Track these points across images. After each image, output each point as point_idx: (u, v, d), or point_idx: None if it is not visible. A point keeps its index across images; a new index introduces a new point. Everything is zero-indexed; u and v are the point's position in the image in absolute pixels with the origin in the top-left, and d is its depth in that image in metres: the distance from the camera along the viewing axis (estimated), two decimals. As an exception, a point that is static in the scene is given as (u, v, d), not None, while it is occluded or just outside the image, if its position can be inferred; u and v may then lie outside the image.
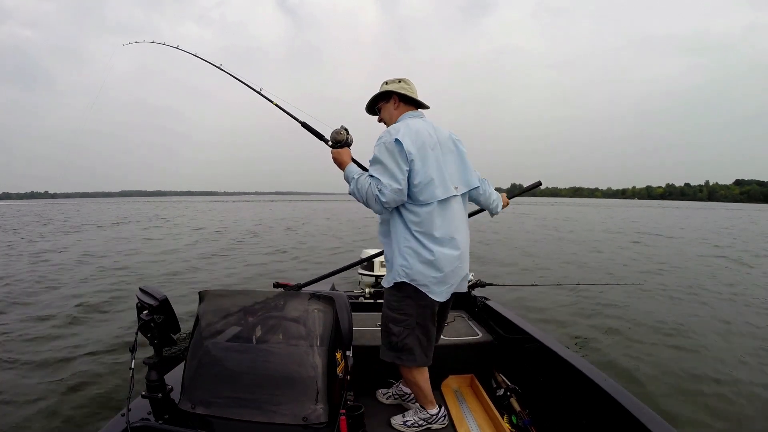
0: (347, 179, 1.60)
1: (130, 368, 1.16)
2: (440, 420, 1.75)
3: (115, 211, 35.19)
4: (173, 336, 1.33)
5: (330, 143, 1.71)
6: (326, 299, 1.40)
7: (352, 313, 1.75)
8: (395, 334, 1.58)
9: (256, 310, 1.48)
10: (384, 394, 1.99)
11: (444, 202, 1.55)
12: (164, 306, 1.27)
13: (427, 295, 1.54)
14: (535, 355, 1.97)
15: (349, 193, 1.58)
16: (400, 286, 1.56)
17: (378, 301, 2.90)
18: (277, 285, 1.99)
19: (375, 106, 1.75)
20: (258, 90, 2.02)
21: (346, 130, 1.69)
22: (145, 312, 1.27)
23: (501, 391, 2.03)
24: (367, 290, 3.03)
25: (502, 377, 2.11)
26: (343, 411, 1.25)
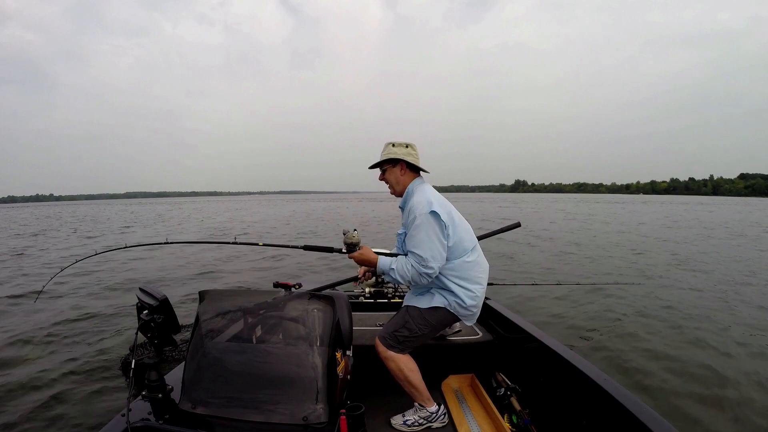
0: (384, 273, 1.70)
1: (131, 368, 1.17)
2: (440, 418, 1.76)
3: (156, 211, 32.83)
4: (173, 336, 1.33)
5: (345, 251, 1.76)
6: (326, 299, 1.40)
7: (352, 313, 1.75)
8: (408, 329, 1.72)
9: (256, 310, 1.48)
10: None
11: (472, 250, 1.76)
12: (164, 306, 1.27)
13: (455, 317, 1.75)
14: (536, 354, 1.97)
15: (393, 279, 1.69)
16: (436, 308, 1.73)
17: (378, 300, 2.89)
18: (277, 285, 1.99)
19: (382, 166, 1.83)
20: (295, 245, 2.13)
21: (355, 230, 1.75)
22: (145, 312, 1.28)
23: (501, 391, 2.02)
24: (367, 290, 3.02)
25: (502, 377, 2.10)
26: (343, 411, 1.25)
